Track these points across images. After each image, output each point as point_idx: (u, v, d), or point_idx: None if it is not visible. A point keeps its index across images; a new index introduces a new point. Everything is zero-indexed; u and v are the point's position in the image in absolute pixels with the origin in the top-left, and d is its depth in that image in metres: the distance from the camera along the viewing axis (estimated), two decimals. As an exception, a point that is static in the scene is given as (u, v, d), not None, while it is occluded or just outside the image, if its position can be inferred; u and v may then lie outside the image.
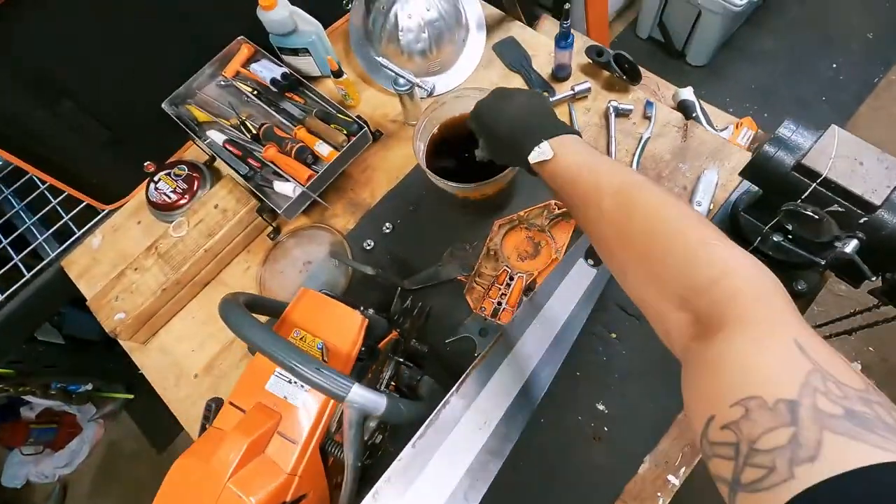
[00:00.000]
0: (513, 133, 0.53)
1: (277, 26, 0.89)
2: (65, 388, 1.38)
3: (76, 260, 0.95)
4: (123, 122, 0.89)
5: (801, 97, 1.89)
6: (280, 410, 0.54)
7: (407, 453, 0.51)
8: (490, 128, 0.56)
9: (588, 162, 0.47)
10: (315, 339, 0.56)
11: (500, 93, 0.58)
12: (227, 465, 0.49)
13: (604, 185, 0.44)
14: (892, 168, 0.59)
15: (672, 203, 0.41)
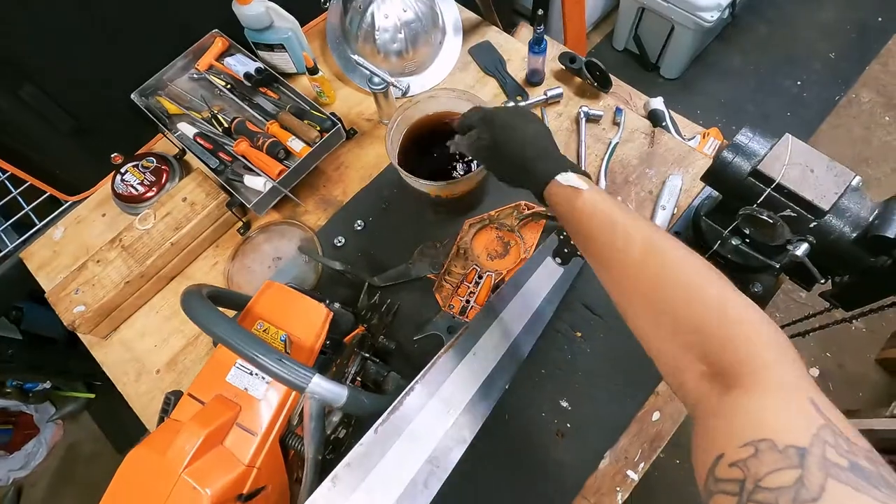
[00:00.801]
0: (527, 151, 0.53)
1: (253, 21, 0.89)
2: (21, 387, 1.33)
3: (36, 252, 0.92)
4: (90, 110, 0.88)
5: (766, 112, 1.97)
6: (240, 402, 0.53)
7: (368, 439, 0.51)
8: (502, 137, 0.55)
9: (616, 205, 0.46)
10: (279, 332, 0.56)
11: (517, 111, 0.58)
12: (182, 455, 0.48)
13: (632, 231, 0.43)
14: (840, 176, 0.62)
15: (695, 259, 0.41)
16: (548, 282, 0.74)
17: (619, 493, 0.68)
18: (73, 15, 0.79)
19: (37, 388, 1.37)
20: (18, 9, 0.74)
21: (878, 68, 2.00)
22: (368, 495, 0.50)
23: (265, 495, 0.54)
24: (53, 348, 1.35)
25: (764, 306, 0.78)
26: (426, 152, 0.81)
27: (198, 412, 0.52)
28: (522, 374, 0.74)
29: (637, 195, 0.85)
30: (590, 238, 0.47)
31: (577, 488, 0.69)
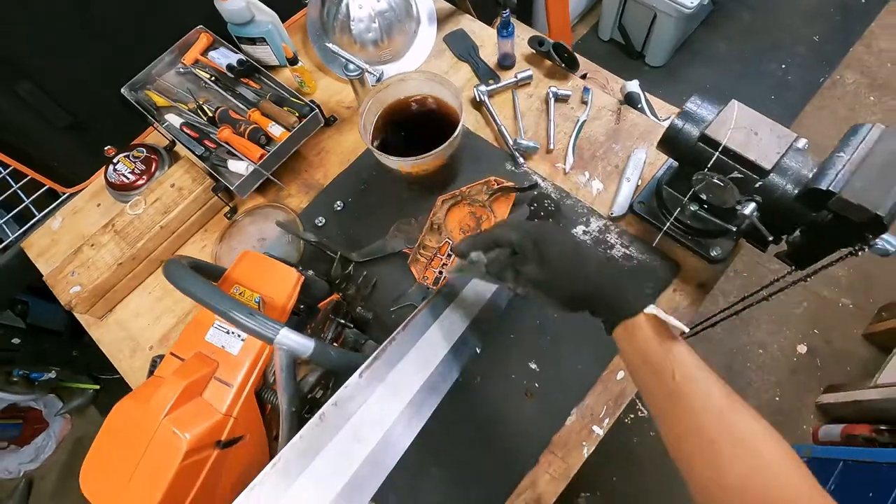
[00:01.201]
0: (604, 278, 0.48)
1: (235, 16, 0.94)
2: (27, 376, 1.38)
3: (36, 241, 0.97)
4: (84, 105, 0.93)
5: (751, 96, 1.99)
6: (218, 359, 0.57)
7: (353, 381, 0.53)
8: (564, 263, 0.48)
9: (697, 361, 0.43)
10: (253, 294, 0.60)
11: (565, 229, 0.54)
12: (163, 404, 0.52)
13: (714, 396, 0.41)
14: (782, 137, 0.65)
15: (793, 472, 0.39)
16: None
17: (584, 447, 0.72)
18: (67, 15, 0.84)
19: (43, 378, 1.42)
20: (18, 9, 0.79)
21: (862, 49, 2.02)
22: (353, 432, 0.52)
23: (243, 445, 0.58)
24: (58, 340, 1.40)
25: (724, 269, 0.81)
26: (401, 134, 0.85)
27: (178, 367, 0.56)
28: (493, 339, 0.78)
29: (604, 169, 0.89)
30: (669, 400, 0.43)
31: (545, 443, 0.72)
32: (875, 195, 0.55)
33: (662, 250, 0.82)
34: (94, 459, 0.53)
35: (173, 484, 0.50)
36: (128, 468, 0.51)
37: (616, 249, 0.82)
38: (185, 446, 0.51)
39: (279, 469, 0.47)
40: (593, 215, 0.85)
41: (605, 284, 0.48)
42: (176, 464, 0.50)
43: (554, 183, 0.88)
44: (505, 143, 0.91)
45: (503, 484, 0.71)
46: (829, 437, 1.44)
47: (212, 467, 0.55)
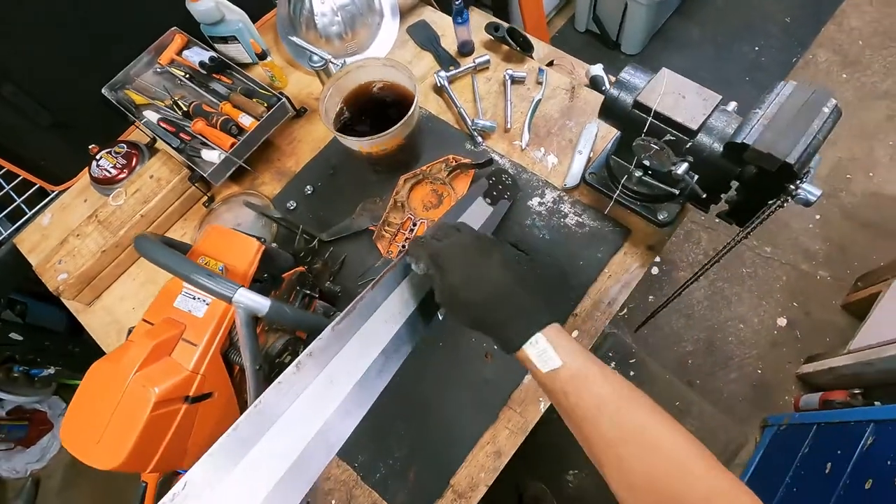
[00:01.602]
0: (489, 304, 0.48)
1: (205, 16, 0.99)
2: (27, 372, 1.44)
3: (27, 237, 1.02)
4: (67, 106, 0.98)
5: (726, 79, 2.04)
6: (185, 322, 0.62)
7: (327, 334, 0.54)
8: (456, 283, 0.49)
9: (599, 381, 0.44)
10: (217, 263, 0.65)
11: (472, 244, 0.52)
12: (133, 362, 0.57)
13: (623, 417, 0.42)
14: (708, 100, 0.69)
15: (688, 447, 0.41)
16: (479, 219, 0.82)
17: (541, 402, 0.76)
18: (47, 18, 0.90)
19: (42, 374, 1.48)
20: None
21: (834, 28, 2.06)
22: (329, 379, 0.54)
23: (212, 402, 0.63)
24: (56, 338, 1.46)
25: (671, 232, 0.85)
26: (362, 118, 0.90)
27: (148, 330, 0.61)
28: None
29: (558, 144, 0.93)
30: (570, 416, 0.44)
31: (504, 400, 0.76)
32: (784, 144, 0.59)
33: (614, 217, 0.87)
34: (73, 415, 0.58)
35: (144, 433, 0.55)
36: (102, 421, 0.56)
37: (570, 218, 0.87)
38: (154, 398, 0.56)
39: (260, 410, 0.49)
40: (548, 187, 0.89)
41: (494, 317, 0.47)
42: (145, 414, 0.55)
43: (511, 159, 0.92)
44: (465, 124, 0.96)
45: (466, 438, 0.76)
46: (808, 405, 1.47)
47: (182, 420, 0.59)
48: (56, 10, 0.90)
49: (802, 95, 0.62)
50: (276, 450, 0.50)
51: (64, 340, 1.47)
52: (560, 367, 0.44)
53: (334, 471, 0.77)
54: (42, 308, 1.46)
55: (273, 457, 0.49)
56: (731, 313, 1.69)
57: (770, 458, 1.40)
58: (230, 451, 0.47)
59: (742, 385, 1.60)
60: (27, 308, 1.42)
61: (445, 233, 0.55)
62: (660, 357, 1.66)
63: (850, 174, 1.81)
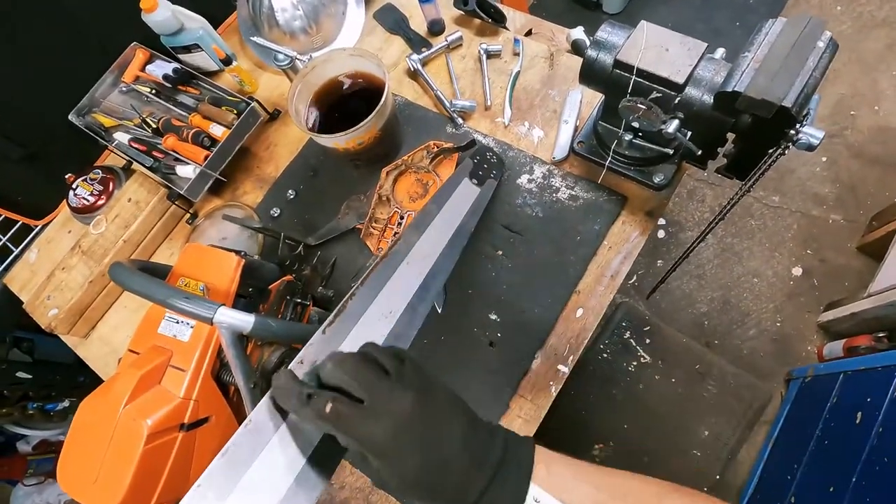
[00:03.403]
0: (464, 484, 0.35)
1: (163, 27, 0.95)
2: (42, 407, 1.45)
3: (16, 275, 1.01)
4: (35, 137, 0.96)
5: (716, 27, 1.96)
6: (171, 348, 0.60)
7: (317, 338, 0.51)
8: (417, 476, 0.35)
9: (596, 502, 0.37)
10: (198, 283, 0.62)
11: (416, 410, 0.36)
12: (122, 395, 0.55)
13: None
14: (693, 49, 0.65)
15: None
16: (466, 201, 0.78)
17: (552, 386, 0.73)
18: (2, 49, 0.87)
19: (57, 408, 1.49)
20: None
21: (823, -40, 1.96)
22: None
23: (210, 426, 0.61)
24: (66, 370, 1.46)
25: (670, 195, 0.81)
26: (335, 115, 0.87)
27: (134, 360, 0.59)
28: (452, 296, 0.79)
29: (542, 115, 0.89)
30: None
31: (513, 389, 0.74)
32: (778, 88, 0.55)
33: (608, 186, 0.83)
34: (68, 455, 0.56)
35: (140, 467, 0.53)
36: (97, 459, 0.54)
37: (562, 192, 0.83)
38: (147, 430, 0.54)
39: (251, 430, 0.46)
40: (536, 162, 0.85)
41: (474, 495, 0.35)
42: (139, 448, 0.53)
43: (495, 137, 0.89)
44: (443, 107, 0.92)
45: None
46: (832, 354, 1.43)
47: (180, 449, 0.57)
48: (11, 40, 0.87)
49: (793, 31, 0.57)
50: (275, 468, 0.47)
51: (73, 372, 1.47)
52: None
53: (348, 478, 0.76)
54: (49, 343, 1.45)
55: (272, 476, 0.47)
56: (744, 269, 1.65)
57: (797, 412, 1.37)
58: (222, 477, 0.44)
59: (762, 340, 1.56)
60: (34, 344, 1.42)
61: (366, 387, 0.37)
62: (675, 321, 1.63)
63: (854, 110, 1.73)
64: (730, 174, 0.74)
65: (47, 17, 0.90)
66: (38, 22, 0.89)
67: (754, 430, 1.30)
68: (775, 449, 1.37)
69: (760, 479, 1.36)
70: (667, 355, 1.40)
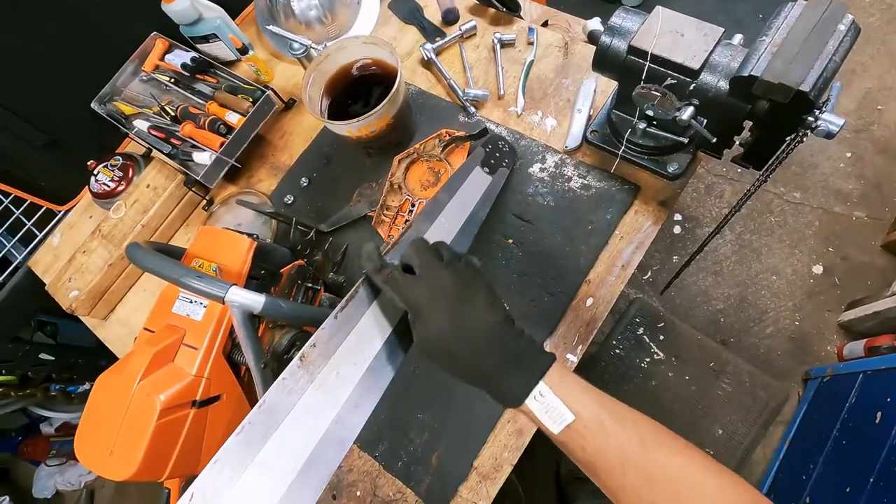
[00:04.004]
0: (480, 356, 0.42)
1: (182, 16, 0.97)
2: (64, 389, 1.49)
3: (40, 259, 1.04)
4: (59, 124, 0.99)
5: (738, 19, 1.92)
6: (185, 327, 0.61)
7: (329, 323, 0.52)
8: (440, 335, 0.42)
9: (596, 419, 0.40)
10: (211, 264, 0.64)
11: (453, 282, 0.44)
12: (136, 372, 0.57)
13: (649, 469, 0.39)
14: (709, 34, 0.64)
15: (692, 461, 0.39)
16: (478, 189, 0.78)
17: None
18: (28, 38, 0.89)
19: (78, 391, 1.53)
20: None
21: (852, -51, 1.90)
22: (335, 370, 0.52)
23: (221, 404, 0.62)
24: (87, 353, 1.50)
25: (685, 183, 0.80)
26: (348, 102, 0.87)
27: (148, 338, 0.60)
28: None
29: (556, 105, 0.88)
30: (591, 468, 0.41)
31: (521, 377, 0.74)
32: (796, 72, 0.53)
33: (621, 175, 0.82)
34: (85, 429, 0.58)
35: (153, 441, 0.55)
36: (112, 432, 0.56)
37: (574, 181, 0.82)
38: (160, 405, 0.55)
39: (265, 410, 0.47)
40: (549, 152, 0.85)
41: (487, 369, 0.42)
42: (152, 422, 0.54)
43: (508, 126, 0.88)
44: (456, 96, 0.92)
45: (486, 419, 0.73)
46: (853, 354, 1.39)
47: (192, 425, 0.59)
48: (35, 30, 0.89)
49: (813, 14, 0.56)
50: (287, 449, 0.48)
51: (94, 355, 1.51)
52: (578, 408, 0.40)
53: (356, 462, 0.76)
54: (72, 326, 1.50)
55: (284, 456, 0.47)
56: (762, 266, 1.62)
57: (815, 412, 1.34)
58: (237, 455, 0.45)
59: (779, 339, 1.53)
60: (58, 328, 1.46)
61: (423, 262, 0.46)
62: (690, 318, 1.60)
63: (881, 105, 1.68)
64: (746, 164, 0.73)
65: (71, 8, 0.92)
66: (62, 13, 0.91)
67: (770, 429, 1.28)
68: (791, 448, 1.34)
69: (775, 478, 1.33)
70: (681, 352, 1.38)
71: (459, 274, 0.45)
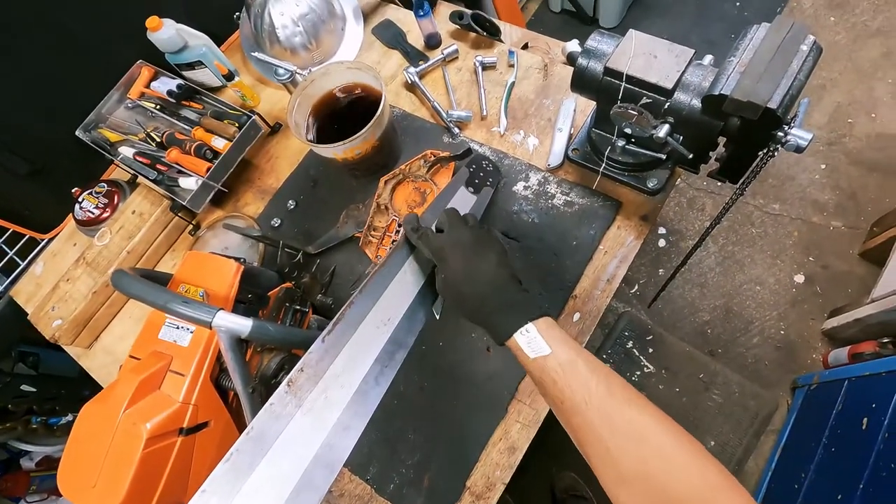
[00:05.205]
0: (484, 298, 0.50)
1: (167, 44, 0.98)
2: (46, 422, 1.45)
3: (22, 289, 1.03)
4: (42, 152, 0.98)
5: (710, 39, 1.99)
6: (171, 353, 0.61)
7: (317, 346, 0.53)
8: (456, 278, 0.52)
9: (571, 360, 0.45)
10: (198, 289, 0.63)
11: (472, 239, 0.54)
12: (121, 400, 0.56)
13: (608, 411, 0.42)
14: (681, 55, 0.66)
15: (678, 442, 0.40)
16: (463, 208, 0.79)
17: (549, 390, 0.73)
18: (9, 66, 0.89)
19: (61, 422, 1.49)
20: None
21: (815, -28, 1.99)
22: (323, 393, 0.52)
23: (209, 431, 0.61)
24: (70, 384, 1.47)
25: (665, 198, 0.82)
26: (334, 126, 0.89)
27: (134, 365, 0.60)
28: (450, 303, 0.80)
29: (537, 124, 0.90)
30: (559, 405, 0.45)
31: (511, 394, 0.74)
32: (763, 90, 0.56)
33: (603, 191, 0.84)
34: (68, 461, 0.57)
35: (139, 472, 0.54)
36: (96, 464, 0.55)
37: (557, 198, 0.84)
38: (146, 434, 0.54)
39: (253, 437, 0.47)
40: (532, 170, 0.87)
41: (488, 309, 0.50)
42: (138, 452, 0.54)
43: (491, 146, 0.90)
44: (440, 117, 0.94)
45: (478, 437, 0.73)
46: (837, 361, 1.41)
47: (179, 454, 0.58)
48: (18, 58, 0.90)
49: (777, 36, 0.59)
50: (275, 475, 0.47)
51: (77, 386, 1.48)
52: (549, 355, 0.45)
53: (347, 485, 0.75)
54: (54, 356, 1.46)
55: (272, 483, 0.47)
56: (746, 276, 1.64)
57: (804, 419, 1.35)
58: (224, 484, 0.45)
59: (766, 348, 1.55)
60: (39, 358, 1.43)
61: (450, 223, 0.57)
62: (677, 330, 1.62)
63: (851, 118, 1.74)
64: (722, 178, 0.75)
65: (55, 36, 0.92)
66: (46, 40, 0.91)
67: (761, 439, 1.28)
68: (783, 458, 1.35)
69: (768, 488, 1.33)
70: (670, 364, 1.39)
71: (478, 235, 0.55)
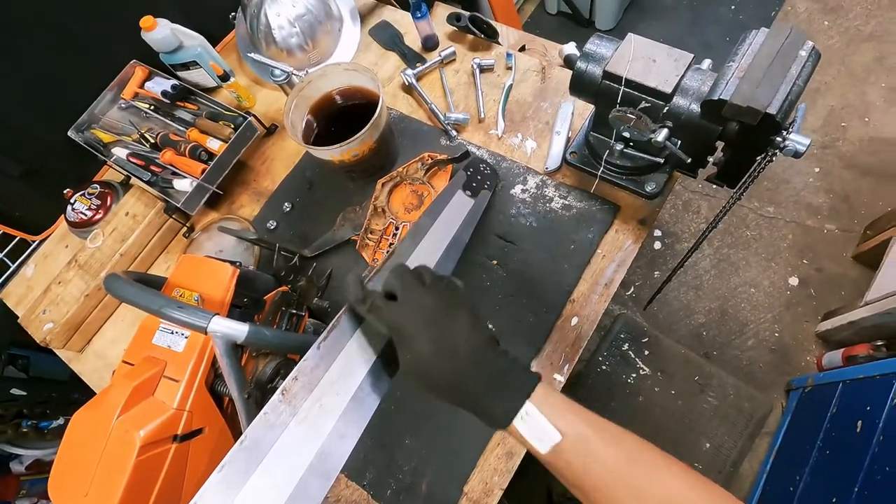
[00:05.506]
0: (465, 377, 0.41)
1: (162, 44, 0.97)
2: (36, 425, 1.43)
3: (13, 291, 1.01)
4: (35, 153, 0.97)
5: (706, 42, 2.00)
6: (165, 358, 0.60)
7: (312, 353, 0.51)
8: (424, 357, 0.42)
9: (582, 437, 0.40)
10: (192, 293, 0.63)
11: (434, 301, 0.43)
12: (114, 407, 0.55)
13: (614, 469, 0.39)
14: (680, 60, 0.66)
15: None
16: (461, 211, 0.78)
17: (547, 395, 0.73)
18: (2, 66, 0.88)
19: (51, 426, 1.47)
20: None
21: (810, -24, 2.01)
22: (318, 401, 0.51)
23: (203, 438, 0.60)
24: (61, 387, 1.45)
25: (663, 202, 0.82)
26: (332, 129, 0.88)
27: (127, 371, 0.59)
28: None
29: (535, 127, 0.90)
30: (577, 486, 0.40)
31: (509, 399, 0.73)
32: (763, 95, 0.56)
33: (601, 195, 0.83)
34: (59, 469, 0.56)
35: (132, 480, 0.53)
36: (88, 472, 0.54)
37: (555, 202, 0.84)
38: (139, 441, 0.53)
39: (246, 447, 0.45)
40: (530, 173, 0.86)
41: (472, 391, 0.41)
42: (131, 460, 0.53)
43: (489, 149, 0.90)
44: (438, 120, 0.93)
45: (475, 442, 0.73)
46: (832, 363, 1.42)
47: (173, 461, 0.57)
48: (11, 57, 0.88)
49: (776, 42, 0.59)
50: (269, 485, 0.46)
51: (68, 389, 1.46)
52: (564, 427, 0.40)
53: (344, 492, 0.75)
54: (44, 360, 1.45)
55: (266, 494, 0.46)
56: (741, 279, 1.65)
57: (799, 422, 1.36)
58: (218, 494, 0.44)
59: (761, 351, 1.56)
60: (30, 361, 1.41)
61: (403, 286, 0.45)
62: (673, 332, 1.62)
63: (844, 122, 1.76)
64: (720, 182, 0.75)
65: (48, 35, 0.91)
66: (40, 40, 0.90)
67: (756, 441, 1.29)
68: (777, 460, 1.35)
69: (763, 491, 1.34)
70: (666, 367, 1.39)
71: (441, 295, 0.44)
